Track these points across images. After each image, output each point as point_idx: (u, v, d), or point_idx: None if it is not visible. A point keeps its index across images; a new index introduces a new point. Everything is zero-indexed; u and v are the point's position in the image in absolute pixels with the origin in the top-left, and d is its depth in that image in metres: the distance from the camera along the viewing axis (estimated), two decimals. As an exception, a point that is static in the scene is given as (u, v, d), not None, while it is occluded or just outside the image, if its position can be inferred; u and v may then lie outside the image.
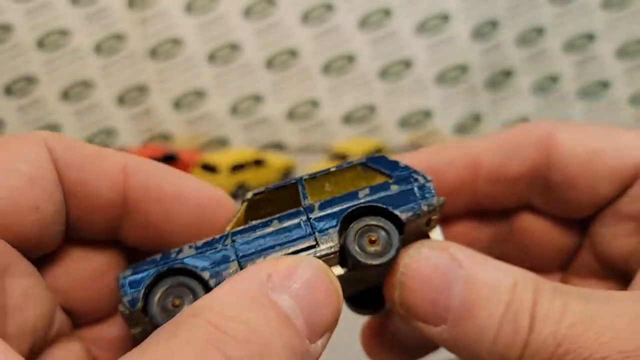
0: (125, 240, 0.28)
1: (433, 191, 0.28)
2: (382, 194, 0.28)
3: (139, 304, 0.25)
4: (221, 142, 1.56)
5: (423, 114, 1.52)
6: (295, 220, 0.27)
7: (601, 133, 0.35)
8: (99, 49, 1.53)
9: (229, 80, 1.53)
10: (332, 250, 0.27)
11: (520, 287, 0.26)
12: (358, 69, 1.52)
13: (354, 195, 0.28)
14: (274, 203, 0.29)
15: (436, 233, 0.30)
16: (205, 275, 0.26)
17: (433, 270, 0.28)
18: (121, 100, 1.55)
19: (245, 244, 0.27)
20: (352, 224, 0.27)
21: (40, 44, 1.51)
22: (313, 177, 0.29)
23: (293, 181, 0.29)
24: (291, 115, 1.53)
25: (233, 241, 0.27)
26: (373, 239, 0.27)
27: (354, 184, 0.29)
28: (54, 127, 1.56)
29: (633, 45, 1.46)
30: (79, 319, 0.28)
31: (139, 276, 0.26)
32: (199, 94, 1.54)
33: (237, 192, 1.16)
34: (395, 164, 0.29)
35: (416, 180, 0.29)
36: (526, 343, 0.25)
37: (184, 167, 1.23)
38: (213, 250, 0.26)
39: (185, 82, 1.54)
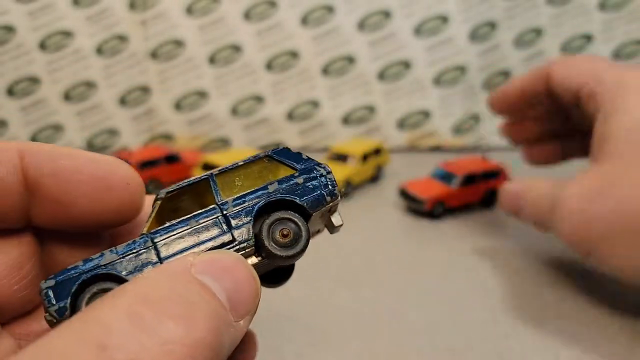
0: (38, 223, 0.29)
1: (334, 182, 0.31)
2: (289, 187, 0.30)
3: (67, 313, 0.26)
4: (222, 143, 1.57)
5: (422, 114, 1.53)
6: (212, 218, 0.29)
7: (571, 63, 0.71)
8: (100, 50, 1.54)
9: (230, 81, 1.54)
10: (248, 244, 0.29)
11: (549, 185, 0.65)
12: (357, 70, 1.53)
13: (263, 189, 0.30)
14: (187, 200, 0.30)
15: (336, 217, 0.33)
16: (130, 279, 0.27)
17: (511, 191, 0.72)
18: (123, 101, 1.56)
19: (165, 245, 0.28)
20: (265, 218, 0.29)
21: (43, 45, 1.53)
22: (223, 172, 0.31)
23: (204, 177, 0.30)
24: (291, 115, 1.54)
25: (153, 243, 0.28)
26: (285, 232, 0.29)
27: (262, 177, 0.31)
28: (56, 128, 1.57)
29: (630, 46, 1.47)
30: (5, 315, 0.28)
31: (63, 285, 0.26)
32: (200, 95, 1.55)
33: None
34: (298, 156, 0.32)
35: (319, 171, 0.31)
36: (553, 206, 0.62)
37: (186, 167, 1.24)
38: (135, 254, 0.27)
39: (186, 83, 1.55)
